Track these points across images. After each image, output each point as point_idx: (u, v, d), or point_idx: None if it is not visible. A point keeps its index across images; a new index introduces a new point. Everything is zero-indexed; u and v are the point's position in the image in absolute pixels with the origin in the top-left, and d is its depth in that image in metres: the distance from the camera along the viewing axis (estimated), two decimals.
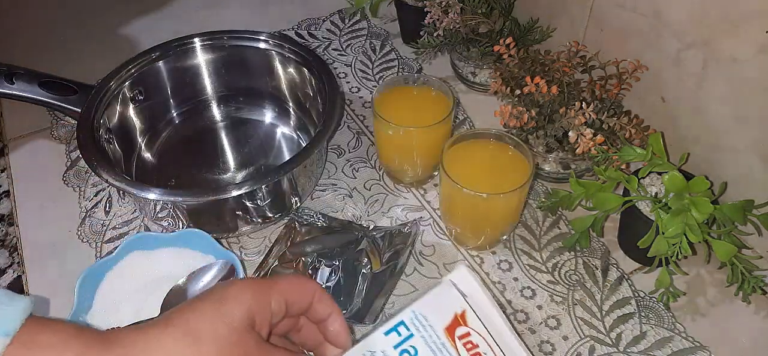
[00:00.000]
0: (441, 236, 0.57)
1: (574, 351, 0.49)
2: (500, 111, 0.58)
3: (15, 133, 0.70)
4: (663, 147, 0.52)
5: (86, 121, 0.58)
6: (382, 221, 0.59)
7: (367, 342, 0.41)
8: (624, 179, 0.51)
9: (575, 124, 0.55)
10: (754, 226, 0.51)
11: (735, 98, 0.53)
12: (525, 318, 0.51)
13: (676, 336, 0.50)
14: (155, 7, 0.89)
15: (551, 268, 0.55)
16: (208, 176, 0.64)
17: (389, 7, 0.83)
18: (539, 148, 0.60)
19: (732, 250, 0.48)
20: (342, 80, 0.75)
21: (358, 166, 0.64)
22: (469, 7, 0.68)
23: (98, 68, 0.68)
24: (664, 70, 0.59)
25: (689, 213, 0.47)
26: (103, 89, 0.61)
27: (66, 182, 0.64)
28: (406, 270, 0.54)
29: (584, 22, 0.66)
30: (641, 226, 0.51)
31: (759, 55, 0.49)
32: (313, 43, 0.81)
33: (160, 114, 0.68)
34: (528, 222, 0.58)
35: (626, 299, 0.52)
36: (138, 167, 0.64)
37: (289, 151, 0.67)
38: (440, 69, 0.76)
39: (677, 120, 0.59)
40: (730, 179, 0.54)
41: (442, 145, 0.53)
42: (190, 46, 0.67)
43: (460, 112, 0.71)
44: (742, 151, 0.54)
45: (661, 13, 0.57)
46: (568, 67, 0.61)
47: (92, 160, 0.54)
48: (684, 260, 0.52)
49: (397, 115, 0.56)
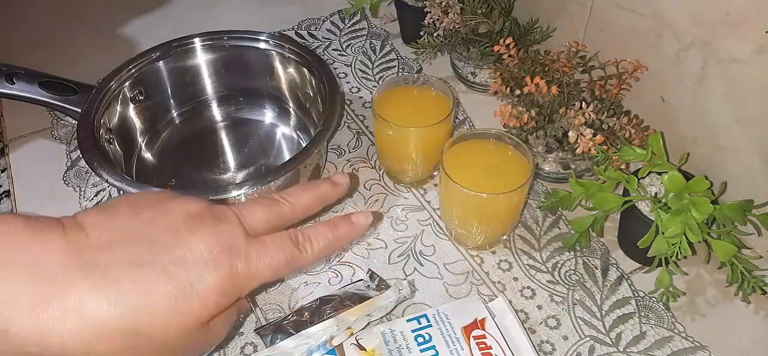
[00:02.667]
0: (441, 236, 0.57)
1: (574, 351, 0.49)
2: (500, 111, 0.58)
3: (15, 133, 0.70)
4: (663, 147, 0.53)
5: (86, 121, 0.58)
6: (381, 221, 0.59)
7: (390, 323, 0.47)
8: (624, 179, 0.52)
9: (575, 124, 0.55)
10: (753, 226, 0.51)
11: (735, 98, 0.53)
12: (525, 317, 0.51)
13: (676, 335, 0.50)
14: (155, 7, 0.89)
15: (551, 268, 0.55)
16: (208, 176, 0.64)
17: (389, 7, 0.83)
18: (539, 148, 0.60)
19: (732, 250, 0.48)
20: (342, 80, 0.75)
21: (358, 166, 0.64)
22: (469, 8, 0.68)
23: (98, 68, 0.68)
24: (664, 70, 0.59)
25: (689, 213, 0.47)
26: (103, 89, 0.61)
27: (66, 182, 0.64)
28: (406, 270, 0.55)
29: (584, 22, 0.66)
30: (641, 226, 0.51)
31: (759, 55, 0.49)
32: (313, 43, 0.81)
33: (161, 114, 0.68)
34: (528, 222, 0.58)
35: (626, 299, 0.52)
36: (138, 167, 0.64)
37: (289, 151, 0.67)
38: (440, 69, 0.76)
39: (677, 120, 0.59)
40: (730, 179, 0.54)
41: (442, 145, 0.53)
42: (190, 46, 0.67)
43: (460, 112, 0.71)
44: (742, 151, 0.54)
45: (661, 13, 0.57)
46: (568, 68, 0.61)
47: (92, 160, 0.54)
48: (684, 261, 0.52)
49: (397, 115, 0.56)
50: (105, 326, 0.31)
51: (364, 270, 0.54)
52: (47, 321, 0.30)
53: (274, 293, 0.53)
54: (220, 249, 0.35)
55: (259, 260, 0.36)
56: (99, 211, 0.35)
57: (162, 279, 0.33)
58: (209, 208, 0.37)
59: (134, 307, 0.32)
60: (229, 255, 0.35)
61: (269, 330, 0.48)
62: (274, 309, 0.52)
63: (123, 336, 0.32)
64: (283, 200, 0.41)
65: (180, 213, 0.36)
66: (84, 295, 0.31)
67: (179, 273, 0.33)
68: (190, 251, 0.34)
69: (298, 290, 0.53)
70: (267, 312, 0.52)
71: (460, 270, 0.55)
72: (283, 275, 0.39)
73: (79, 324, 0.30)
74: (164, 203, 0.36)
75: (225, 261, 0.35)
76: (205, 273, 0.34)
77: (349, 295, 0.49)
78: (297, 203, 0.41)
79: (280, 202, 0.41)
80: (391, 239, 0.57)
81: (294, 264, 0.38)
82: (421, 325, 0.47)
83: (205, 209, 0.37)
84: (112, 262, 0.32)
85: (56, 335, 0.30)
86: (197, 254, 0.34)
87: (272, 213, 0.40)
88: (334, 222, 0.41)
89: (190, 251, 0.34)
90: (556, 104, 0.58)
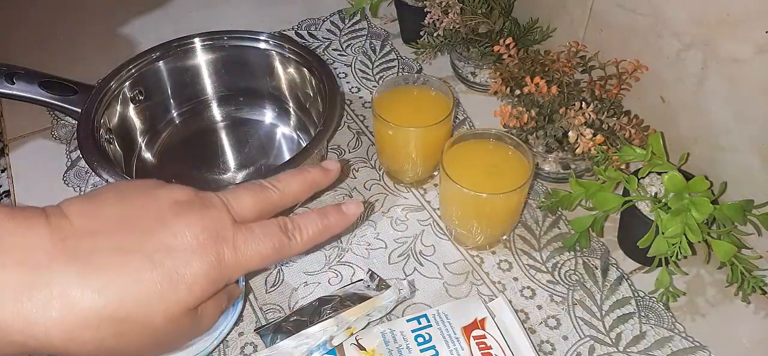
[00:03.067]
0: (441, 236, 0.57)
1: (574, 351, 0.49)
2: (500, 111, 0.58)
3: (15, 133, 0.70)
4: (663, 147, 0.52)
5: (86, 121, 0.58)
6: (381, 221, 0.59)
7: (390, 323, 0.47)
8: (624, 179, 0.52)
9: (575, 124, 0.55)
10: (753, 226, 0.51)
11: (735, 98, 0.53)
12: (525, 318, 0.51)
13: (676, 335, 0.50)
14: (155, 7, 0.89)
15: (551, 268, 0.55)
16: (208, 176, 0.64)
17: (389, 7, 0.84)
18: (539, 148, 0.60)
19: (732, 250, 0.48)
20: (342, 80, 0.75)
21: (358, 166, 0.64)
22: (469, 8, 0.68)
23: (98, 68, 0.68)
24: (664, 70, 0.59)
25: (689, 213, 0.47)
26: (103, 88, 0.61)
27: (66, 182, 0.64)
28: (406, 270, 0.55)
29: (584, 22, 0.66)
30: (641, 226, 0.51)
31: (759, 55, 0.49)
32: (313, 43, 0.81)
33: (161, 114, 0.68)
34: (528, 222, 0.58)
35: (626, 299, 0.52)
36: (138, 167, 0.64)
37: (289, 151, 0.67)
38: (440, 69, 0.76)
39: (677, 120, 0.59)
40: (730, 179, 0.54)
41: (442, 145, 0.53)
42: (190, 46, 0.67)
43: (460, 112, 0.71)
44: (742, 151, 0.54)
45: (661, 13, 0.57)
46: (568, 68, 0.61)
47: (92, 160, 0.54)
48: (684, 261, 0.52)
49: (397, 115, 0.56)
50: (90, 313, 0.31)
51: (364, 270, 0.54)
52: (31, 308, 0.30)
53: (274, 293, 0.53)
54: (207, 236, 0.34)
55: (246, 247, 0.36)
56: (84, 199, 0.35)
57: (147, 265, 0.32)
58: (197, 195, 0.37)
59: (119, 294, 0.31)
60: (216, 242, 0.35)
61: (269, 330, 0.48)
62: (274, 309, 0.52)
63: (108, 324, 0.31)
64: (271, 186, 0.40)
65: (167, 200, 0.35)
66: (68, 282, 0.30)
67: (165, 260, 0.33)
68: (175, 238, 0.33)
69: (298, 290, 0.53)
70: (267, 312, 0.52)
71: (460, 270, 0.55)
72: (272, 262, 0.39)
73: (64, 311, 0.30)
74: (151, 190, 0.36)
75: (212, 248, 0.34)
76: (192, 260, 0.33)
77: (349, 295, 0.49)
78: (286, 189, 0.41)
79: (269, 188, 0.40)
80: (391, 239, 0.57)
81: (282, 252, 0.38)
82: (421, 325, 0.47)
83: (192, 196, 0.36)
84: (96, 249, 0.32)
85: (40, 323, 0.30)
86: (183, 241, 0.34)
87: (260, 199, 0.39)
88: (325, 211, 0.40)
89: (176, 238, 0.33)
90: (556, 104, 0.58)
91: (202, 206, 0.36)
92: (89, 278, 0.31)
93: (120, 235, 0.33)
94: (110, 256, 0.32)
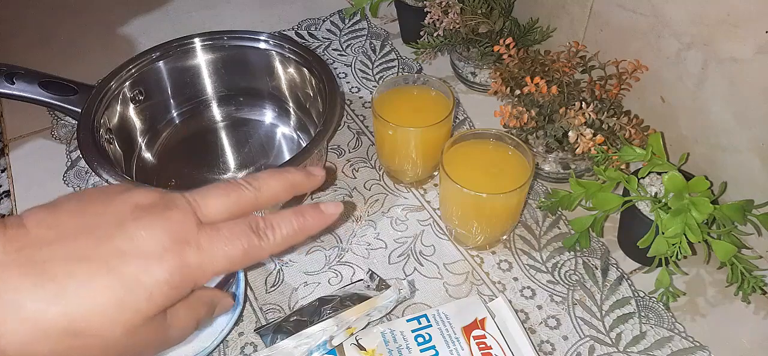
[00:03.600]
0: (441, 236, 0.57)
1: (574, 351, 0.49)
2: (500, 111, 0.58)
3: (15, 133, 0.70)
4: (663, 147, 0.53)
5: (86, 121, 0.58)
6: (381, 221, 0.59)
7: (390, 323, 0.47)
8: (624, 179, 0.52)
9: (575, 124, 0.55)
10: (753, 226, 0.51)
11: (735, 98, 0.53)
12: (525, 317, 0.51)
13: (676, 335, 0.50)
14: (155, 7, 0.89)
15: (551, 268, 0.55)
16: (208, 176, 0.64)
17: (389, 7, 0.84)
18: (539, 148, 0.60)
19: (732, 250, 0.48)
20: (342, 80, 0.75)
21: (358, 166, 0.64)
22: (469, 8, 0.68)
23: (98, 68, 0.68)
24: (664, 70, 0.59)
25: (689, 213, 0.47)
26: (103, 89, 0.61)
27: (66, 182, 0.64)
28: (406, 270, 0.55)
29: (584, 22, 0.67)
30: (641, 226, 0.51)
31: (759, 55, 0.49)
32: (313, 43, 0.81)
33: (161, 114, 0.68)
34: (528, 222, 0.58)
35: (626, 299, 0.52)
36: (138, 167, 0.64)
37: (289, 151, 0.67)
38: (440, 69, 0.76)
39: (677, 120, 0.59)
40: (730, 179, 0.54)
41: (442, 145, 0.53)
42: (190, 46, 0.67)
43: (460, 112, 0.71)
44: (742, 151, 0.54)
45: (661, 13, 0.57)
46: (568, 68, 0.61)
47: (92, 160, 0.54)
48: (684, 260, 0.52)
49: (397, 115, 0.56)
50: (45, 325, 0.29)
51: (364, 270, 0.54)
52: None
53: (274, 293, 0.53)
54: (169, 239, 0.32)
55: (211, 249, 0.33)
56: (44, 208, 0.33)
57: (103, 271, 0.30)
58: (161, 197, 0.35)
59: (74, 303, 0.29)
60: (178, 245, 0.32)
61: (269, 330, 0.48)
62: (274, 309, 0.52)
63: (65, 335, 0.30)
64: (246, 185, 0.37)
65: (128, 205, 0.33)
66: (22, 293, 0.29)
67: (121, 266, 0.31)
68: (133, 243, 0.31)
69: (298, 290, 0.53)
70: (267, 312, 0.52)
71: (460, 270, 0.55)
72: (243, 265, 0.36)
73: (17, 323, 0.29)
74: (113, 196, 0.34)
75: (173, 251, 0.32)
76: (151, 265, 0.31)
77: (349, 295, 0.49)
78: (263, 188, 0.38)
79: (242, 187, 0.37)
80: (391, 239, 0.57)
81: (253, 253, 0.35)
82: (421, 325, 0.47)
83: (155, 198, 0.34)
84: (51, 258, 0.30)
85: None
86: (142, 246, 0.32)
87: (232, 199, 0.36)
88: (301, 209, 0.38)
89: (134, 242, 0.32)
90: (556, 104, 0.58)
91: (165, 208, 0.34)
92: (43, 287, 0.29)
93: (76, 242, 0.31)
94: (65, 264, 0.30)
